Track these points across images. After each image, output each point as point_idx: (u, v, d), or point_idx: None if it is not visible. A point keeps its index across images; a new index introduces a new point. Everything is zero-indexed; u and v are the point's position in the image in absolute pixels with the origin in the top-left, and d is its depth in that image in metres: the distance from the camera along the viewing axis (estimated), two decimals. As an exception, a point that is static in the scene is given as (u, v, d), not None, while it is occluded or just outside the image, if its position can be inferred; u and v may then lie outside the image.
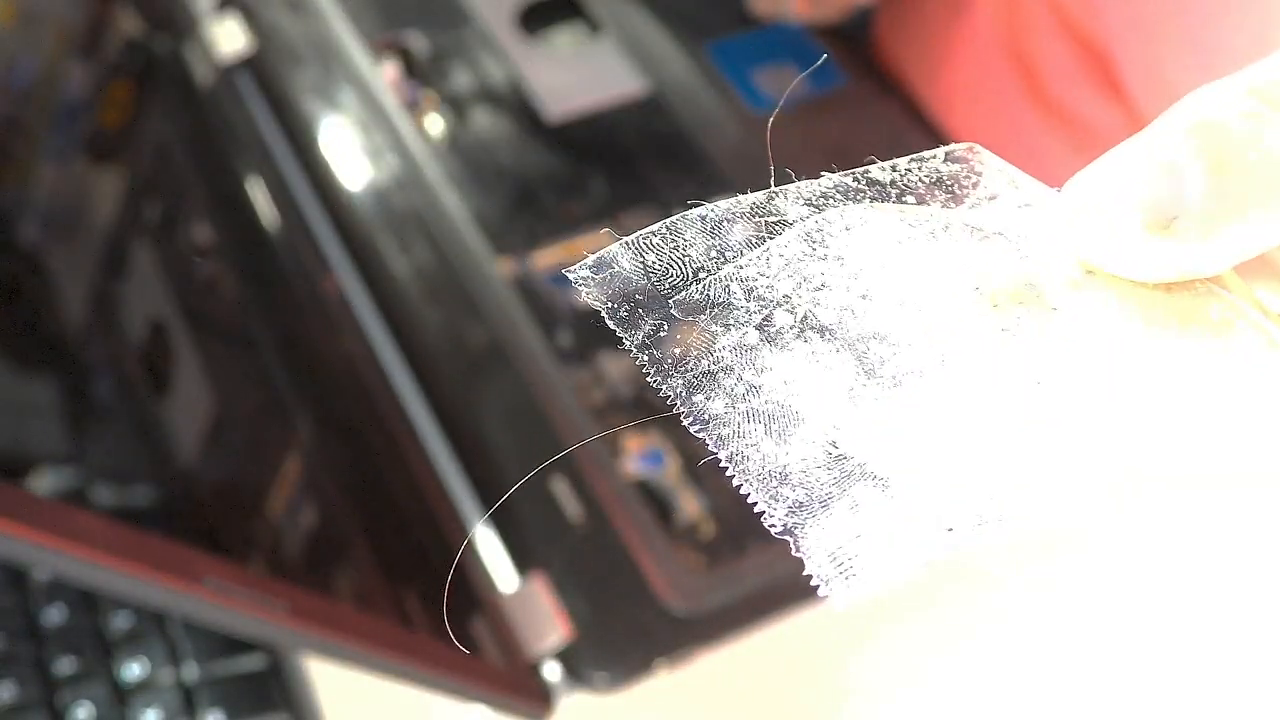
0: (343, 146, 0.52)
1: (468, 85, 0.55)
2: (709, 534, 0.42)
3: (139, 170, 0.48)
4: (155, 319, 0.43)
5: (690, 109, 0.54)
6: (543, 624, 0.39)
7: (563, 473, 0.42)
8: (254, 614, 0.28)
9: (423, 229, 0.49)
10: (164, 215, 0.47)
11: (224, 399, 0.41)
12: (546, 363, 0.45)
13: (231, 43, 0.55)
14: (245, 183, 0.49)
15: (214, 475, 0.40)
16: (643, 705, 0.40)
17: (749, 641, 0.41)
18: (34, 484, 0.37)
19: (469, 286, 0.47)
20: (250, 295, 0.45)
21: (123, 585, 0.26)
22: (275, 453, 0.41)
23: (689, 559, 0.41)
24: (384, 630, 0.32)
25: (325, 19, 0.56)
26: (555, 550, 0.41)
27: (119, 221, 0.45)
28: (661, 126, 0.54)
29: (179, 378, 0.42)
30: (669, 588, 0.40)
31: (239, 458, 0.41)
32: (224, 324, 0.44)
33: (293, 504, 0.39)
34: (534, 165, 0.52)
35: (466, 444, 0.43)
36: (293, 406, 0.42)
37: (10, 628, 0.40)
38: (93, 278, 0.44)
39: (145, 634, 0.40)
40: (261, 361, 0.43)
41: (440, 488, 0.42)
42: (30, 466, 0.38)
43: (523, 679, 0.37)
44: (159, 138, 0.49)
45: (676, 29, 0.57)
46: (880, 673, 0.41)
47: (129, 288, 0.44)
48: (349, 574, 0.38)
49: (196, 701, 0.39)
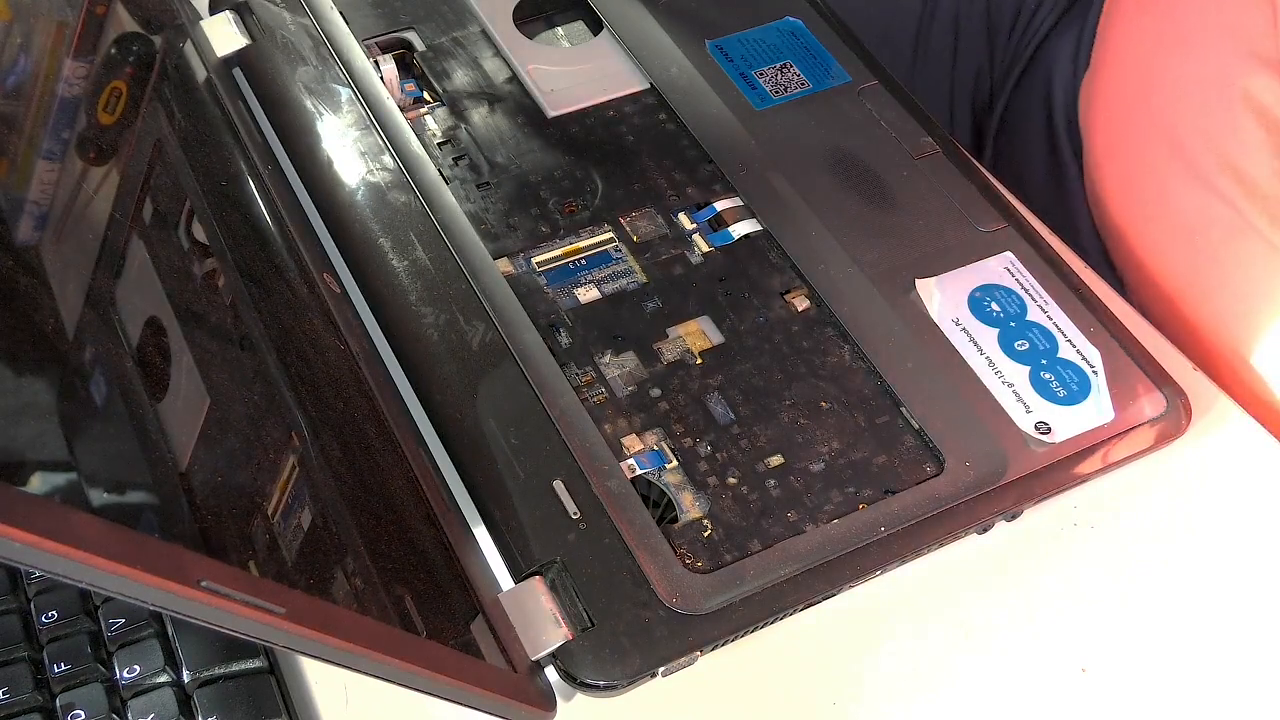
0: (341, 145, 0.52)
1: (467, 84, 0.55)
2: (709, 534, 0.41)
3: (135, 169, 0.47)
4: (151, 318, 0.43)
5: (691, 108, 0.54)
6: (542, 625, 0.39)
7: (563, 472, 0.42)
8: (251, 616, 0.28)
9: (421, 229, 0.49)
10: (160, 214, 0.46)
11: (221, 399, 0.41)
12: (546, 363, 0.45)
13: (229, 41, 0.55)
14: (242, 182, 0.49)
15: (211, 476, 0.40)
16: (643, 706, 0.40)
17: (749, 641, 0.40)
18: (29, 484, 0.37)
19: (469, 286, 0.47)
20: (248, 295, 0.45)
21: (119, 587, 0.26)
22: (273, 454, 0.41)
23: (689, 559, 0.41)
24: (382, 633, 0.32)
25: (323, 17, 0.56)
26: (555, 551, 0.40)
27: (115, 220, 0.45)
28: (662, 125, 0.54)
29: (176, 378, 0.41)
30: (669, 588, 0.40)
31: (236, 458, 0.40)
32: (221, 324, 0.44)
33: (290, 505, 0.39)
34: (534, 164, 0.52)
35: (466, 445, 0.43)
36: (290, 407, 0.42)
37: (5, 629, 0.40)
38: (87, 277, 0.44)
39: (141, 636, 0.40)
40: (259, 362, 0.43)
41: (439, 489, 0.42)
42: (25, 467, 0.38)
43: (522, 681, 0.37)
44: (155, 136, 0.49)
45: (677, 27, 0.56)
46: (881, 673, 0.41)
47: (124, 287, 0.44)
48: (347, 576, 0.38)
49: (193, 704, 0.39)
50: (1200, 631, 0.42)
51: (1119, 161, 0.54)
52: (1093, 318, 0.47)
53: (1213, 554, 0.44)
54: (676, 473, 0.43)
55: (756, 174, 0.51)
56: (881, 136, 0.53)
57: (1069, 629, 0.42)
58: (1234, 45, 0.53)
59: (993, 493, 0.42)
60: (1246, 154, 0.52)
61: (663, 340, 0.47)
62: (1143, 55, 0.58)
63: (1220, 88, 0.53)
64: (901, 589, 0.43)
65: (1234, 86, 0.52)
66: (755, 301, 0.48)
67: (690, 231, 0.50)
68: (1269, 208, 0.51)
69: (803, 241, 0.49)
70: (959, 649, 0.42)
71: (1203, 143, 0.54)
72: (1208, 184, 0.53)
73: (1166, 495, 0.45)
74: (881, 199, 0.51)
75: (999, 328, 0.47)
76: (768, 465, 0.43)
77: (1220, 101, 0.53)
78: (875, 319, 0.47)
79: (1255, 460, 0.46)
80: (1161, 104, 0.56)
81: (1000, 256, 0.49)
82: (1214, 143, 0.53)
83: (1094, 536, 0.44)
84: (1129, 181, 0.56)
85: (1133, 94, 0.57)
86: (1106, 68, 0.60)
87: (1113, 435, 0.44)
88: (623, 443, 0.43)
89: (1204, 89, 0.54)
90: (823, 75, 0.55)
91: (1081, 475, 0.43)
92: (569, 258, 0.49)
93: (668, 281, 0.48)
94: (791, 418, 0.44)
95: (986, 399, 0.45)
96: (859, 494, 0.42)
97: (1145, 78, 0.57)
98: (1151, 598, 0.43)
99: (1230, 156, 0.52)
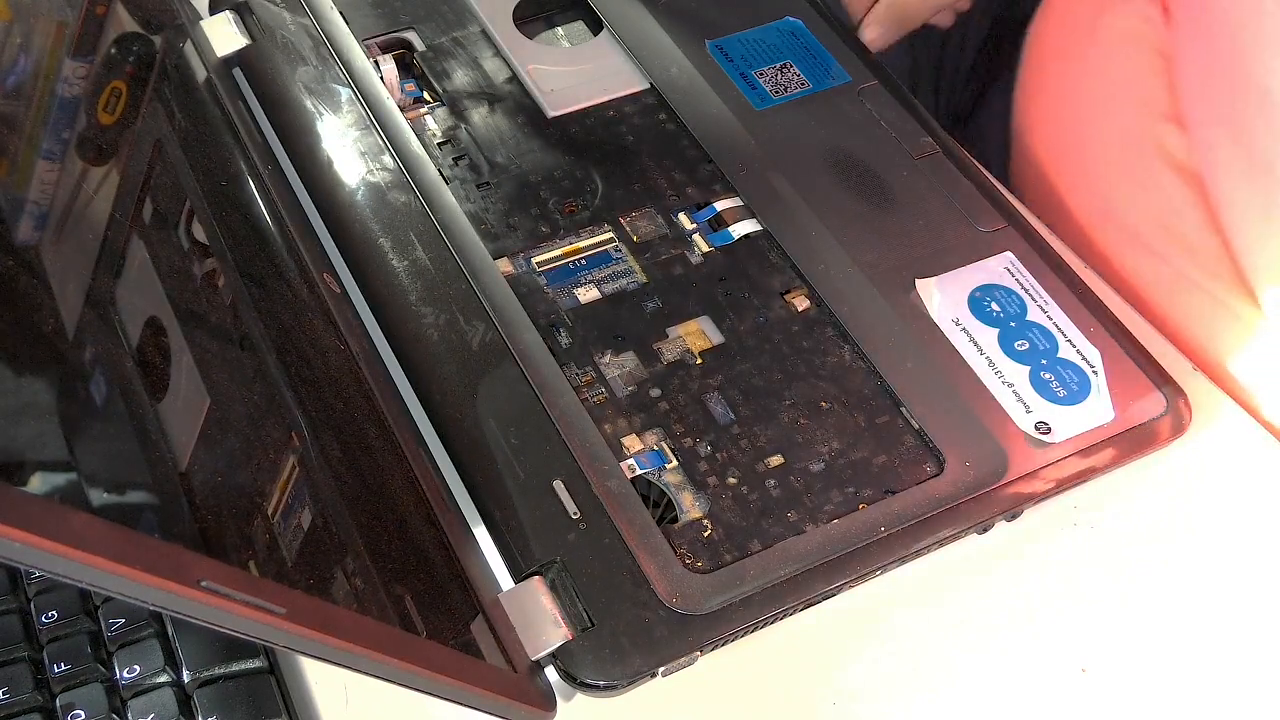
0: (341, 145, 0.52)
1: (467, 84, 0.55)
2: (709, 534, 0.41)
3: (135, 169, 0.47)
4: (151, 318, 0.43)
5: (691, 108, 0.54)
6: (542, 625, 0.39)
7: (563, 472, 0.42)
8: (251, 616, 0.28)
9: (421, 229, 0.49)
10: (160, 214, 0.46)
11: (221, 399, 0.41)
12: (546, 363, 0.45)
13: (229, 41, 0.55)
14: (242, 182, 0.49)
15: (211, 476, 0.40)
16: (643, 706, 0.40)
17: (749, 641, 0.40)
18: (29, 484, 0.37)
19: (469, 286, 0.47)
20: (248, 295, 0.45)
21: (119, 587, 0.26)
22: (273, 454, 0.41)
23: (689, 559, 0.41)
24: (382, 633, 0.32)
25: (323, 17, 0.56)
26: (555, 551, 0.40)
27: (115, 220, 0.45)
28: (662, 125, 0.54)
29: (176, 378, 0.41)
30: (669, 588, 0.40)
31: (236, 458, 0.40)
32: (221, 324, 0.44)
33: (290, 505, 0.39)
34: (534, 164, 0.52)
35: (466, 445, 0.43)
36: (290, 407, 0.42)
37: (5, 629, 0.40)
38: (88, 277, 0.44)
39: (141, 636, 0.40)
40: (259, 362, 0.43)
41: (439, 489, 0.42)
42: (25, 467, 0.38)
43: (522, 681, 0.37)
44: (155, 136, 0.49)
45: (677, 27, 0.56)
46: (881, 673, 0.41)
47: (124, 287, 0.44)
48: (347, 576, 0.38)
49: (193, 704, 0.39)
50: (1200, 631, 0.42)
51: (1054, 226, 0.54)
52: (1093, 318, 0.47)
53: (1212, 554, 0.44)
54: (676, 473, 0.43)
55: (756, 174, 0.51)
56: (881, 136, 0.53)
57: (1069, 629, 0.42)
58: (1141, 105, 0.54)
59: (993, 493, 0.42)
60: (1174, 210, 0.52)
61: (663, 340, 0.47)
62: (1064, 122, 0.58)
63: (1139, 147, 0.53)
64: (901, 589, 0.43)
65: (1149, 144, 0.53)
66: (755, 301, 0.48)
67: (690, 231, 0.50)
68: (1202, 261, 0.51)
69: (803, 241, 0.49)
70: (959, 649, 0.42)
71: (1131, 203, 0.54)
72: (1143, 244, 0.53)
73: (1166, 495, 0.45)
74: (881, 199, 0.51)
75: (999, 328, 0.47)
76: (768, 465, 0.43)
77: (1140, 160, 0.53)
78: (875, 319, 0.47)
79: (1255, 460, 0.46)
80: (1087, 169, 0.57)
81: (1000, 256, 0.49)
82: (1141, 202, 0.54)
83: (1094, 536, 0.44)
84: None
85: (1057, 162, 0.58)
86: (1029, 134, 0.61)
87: (1113, 435, 0.44)
88: (623, 443, 0.43)
89: (1125, 150, 0.55)
90: (823, 75, 0.55)
91: (1081, 475, 0.43)
92: (569, 258, 0.49)
93: (668, 281, 0.48)
94: (791, 418, 0.44)
95: (986, 399, 0.45)
96: (859, 494, 0.42)
97: (1069, 145, 0.58)
98: (1151, 598, 0.43)
99: (1159, 214, 0.53)
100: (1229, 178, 0.49)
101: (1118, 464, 0.44)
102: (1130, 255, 0.54)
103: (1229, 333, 0.50)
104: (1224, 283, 0.51)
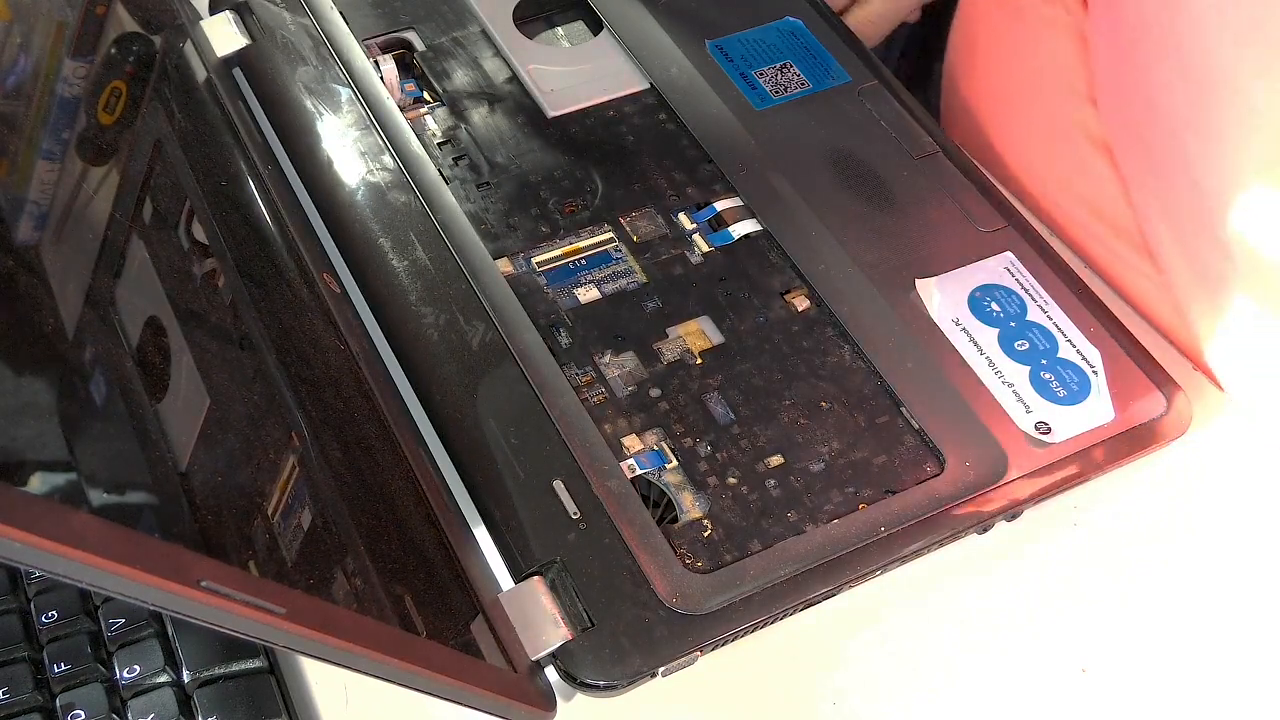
0: (341, 145, 0.52)
1: (467, 84, 0.55)
2: (709, 534, 0.41)
3: (135, 169, 0.47)
4: (151, 318, 0.43)
5: (691, 108, 0.54)
6: (542, 625, 0.39)
7: (563, 472, 0.42)
8: (251, 616, 0.28)
9: (421, 229, 0.49)
10: (160, 214, 0.46)
11: (221, 399, 0.41)
12: (546, 363, 0.45)
13: (229, 41, 0.55)
14: (242, 182, 0.49)
15: (211, 476, 0.40)
16: (643, 706, 0.40)
17: (749, 641, 0.40)
18: (29, 484, 0.37)
19: (469, 286, 0.47)
20: (248, 295, 0.45)
21: (119, 587, 0.26)
22: (273, 454, 0.41)
23: (689, 559, 0.41)
24: (382, 633, 0.32)
25: (323, 17, 0.56)
26: (555, 551, 0.40)
27: (114, 220, 0.45)
28: (662, 125, 0.54)
29: (176, 378, 0.41)
30: (669, 588, 0.39)
31: (236, 459, 0.40)
32: (221, 324, 0.44)
33: (290, 505, 0.39)
34: (534, 164, 0.52)
35: (466, 445, 0.43)
36: (290, 407, 0.42)
37: (5, 629, 0.40)
38: (87, 277, 0.44)
39: (141, 636, 0.40)
40: (259, 362, 0.43)
41: (439, 488, 0.42)
42: (25, 467, 0.38)
43: (522, 681, 0.37)
44: (155, 136, 0.49)
45: (677, 27, 0.56)
46: (881, 673, 0.41)
47: (124, 287, 0.44)
48: (347, 576, 0.38)
49: (193, 704, 0.39)
50: (1200, 631, 0.42)
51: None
52: (1093, 318, 0.47)
53: (1213, 554, 0.44)
54: (676, 473, 0.43)
55: (756, 174, 0.51)
56: (881, 136, 0.53)
57: (1069, 629, 0.42)
58: (1061, 85, 0.54)
59: (993, 492, 0.42)
60: (1099, 187, 0.52)
61: (662, 340, 0.47)
62: (989, 111, 0.59)
63: (1062, 128, 0.54)
64: (901, 589, 0.43)
65: (1070, 123, 0.53)
66: (755, 301, 0.48)
67: (690, 231, 0.50)
68: (1130, 238, 0.51)
69: (803, 241, 0.49)
70: (959, 649, 0.42)
71: (1060, 186, 0.54)
72: (1078, 225, 0.53)
73: (1166, 495, 0.45)
74: (881, 199, 0.51)
75: (999, 328, 0.47)
76: (768, 465, 0.43)
77: (1065, 141, 0.53)
78: (875, 319, 0.47)
79: (1255, 460, 0.46)
80: (1016, 154, 0.57)
81: (1000, 256, 0.49)
82: (1069, 183, 0.54)
83: (1094, 536, 0.44)
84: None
85: (985, 146, 0.58)
86: (958, 127, 0.61)
87: (1113, 435, 0.44)
88: (623, 443, 0.43)
89: (1050, 133, 0.55)
90: (823, 75, 0.55)
91: (1081, 475, 0.43)
92: (569, 258, 0.49)
93: (668, 281, 0.48)
94: (791, 418, 0.44)
95: (986, 399, 0.45)
96: (859, 494, 0.42)
97: (998, 124, 0.58)
98: (1151, 598, 0.43)
99: (1085, 194, 0.53)
100: (1134, 178, 0.50)
101: (1118, 464, 0.44)
102: (1068, 235, 0.54)
103: (1163, 307, 0.50)
104: (1150, 259, 0.51)
